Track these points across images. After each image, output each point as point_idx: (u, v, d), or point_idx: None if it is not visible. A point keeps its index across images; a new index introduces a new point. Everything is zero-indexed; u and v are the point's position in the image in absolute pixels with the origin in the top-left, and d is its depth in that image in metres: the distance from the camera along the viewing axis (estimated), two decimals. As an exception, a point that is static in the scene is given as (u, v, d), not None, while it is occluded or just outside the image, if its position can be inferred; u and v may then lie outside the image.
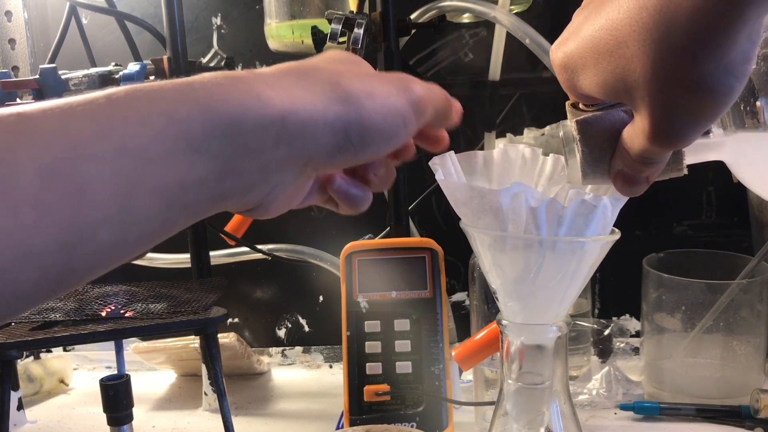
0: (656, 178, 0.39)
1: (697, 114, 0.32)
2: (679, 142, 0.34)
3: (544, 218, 0.38)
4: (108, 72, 0.77)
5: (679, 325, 0.75)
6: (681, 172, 0.39)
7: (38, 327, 0.64)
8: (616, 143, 0.37)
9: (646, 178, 0.38)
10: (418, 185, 0.93)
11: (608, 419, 0.75)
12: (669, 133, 0.33)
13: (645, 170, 0.37)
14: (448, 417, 0.68)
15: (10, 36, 0.97)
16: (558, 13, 0.86)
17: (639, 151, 0.35)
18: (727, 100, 0.32)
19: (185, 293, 0.71)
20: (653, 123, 0.33)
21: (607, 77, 0.34)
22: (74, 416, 0.84)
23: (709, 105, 0.32)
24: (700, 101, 0.31)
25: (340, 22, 0.68)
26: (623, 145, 0.36)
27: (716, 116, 0.32)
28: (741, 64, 0.31)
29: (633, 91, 0.33)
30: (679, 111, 0.32)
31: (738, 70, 0.31)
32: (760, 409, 0.70)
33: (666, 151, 0.36)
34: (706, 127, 0.33)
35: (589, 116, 0.38)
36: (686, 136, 0.33)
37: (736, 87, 0.31)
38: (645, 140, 0.34)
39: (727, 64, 0.30)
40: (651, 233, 0.93)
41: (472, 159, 0.46)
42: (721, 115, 0.33)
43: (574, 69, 0.36)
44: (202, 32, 0.94)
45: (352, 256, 0.71)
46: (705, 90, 0.31)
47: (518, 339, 0.44)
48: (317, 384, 0.91)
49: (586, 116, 0.38)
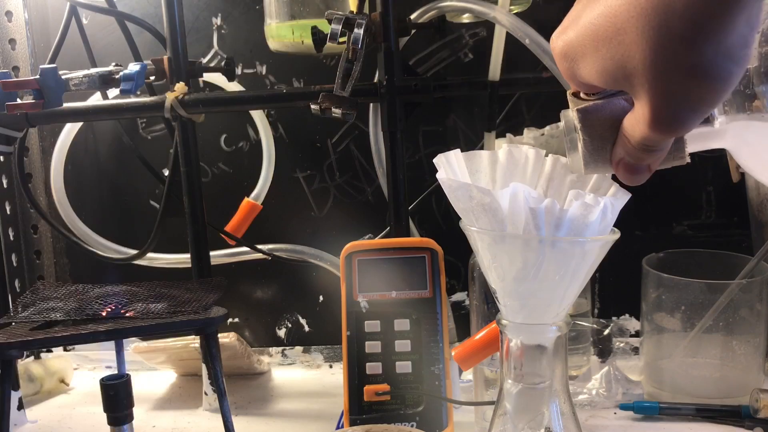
0: (658, 167, 0.38)
1: (696, 100, 0.32)
2: (680, 128, 0.34)
3: (543, 219, 0.38)
4: (108, 72, 0.77)
5: (679, 324, 0.75)
6: (683, 160, 0.39)
7: (38, 327, 0.64)
8: (617, 132, 0.37)
9: (648, 166, 0.38)
10: (418, 185, 0.93)
11: (608, 419, 0.75)
12: (669, 120, 0.33)
13: (647, 158, 0.37)
14: (448, 417, 0.68)
15: (11, 36, 0.97)
16: (558, 13, 0.87)
17: (640, 139, 0.35)
18: (726, 85, 0.31)
19: (185, 293, 0.71)
20: (653, 110, 0.33)
21: (606, 64, 0.34)
22: (74, 416, 0.84)
23: (709, 91, 0.32)
24: (699, 87, 0.31)
25: (340, 22, 0.68)
26: (624, 134, 0.36)
27: (716, 102, 0.32)
28: (740, 49, 0.31)
29: (632, 78, 0.33)
30: (679, 97, 0.32)
31: (737, 55, 0.31)
32: (759, 409, 0.70)
33: (667, 138, 0.36)
34: (706, 113, 0.33)
35: (589, 105, 0.38)
36: (686, 123, 0.33)
37: (735, 72, 0.31)
38: (645, 127, 0.34)
39: (726, 49, 0.30)
40: (651, 233, 0.93)
41: (476, 158, 0.46)
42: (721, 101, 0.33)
43: (574, 57, 0.36)
44: (202, 32, 0.94)
45: (352, 256, 0.71)
46: (704, 76, 0.31)
47: (518, 339, 0.45)
48: (317, 384, 0.91)
49: (587, 105, 0.38)
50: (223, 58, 0.94)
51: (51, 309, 0.67)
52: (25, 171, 0.99)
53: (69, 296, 0.70)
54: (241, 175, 0.96)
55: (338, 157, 0.95)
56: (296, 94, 0.81)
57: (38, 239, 1.01)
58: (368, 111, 0.85)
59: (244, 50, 0.94)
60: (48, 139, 0.99)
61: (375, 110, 0.84)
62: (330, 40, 0.68)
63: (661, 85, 0.32)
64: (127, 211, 1.00)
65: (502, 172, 0.46)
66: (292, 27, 0.79)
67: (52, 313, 0.66)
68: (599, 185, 0.45)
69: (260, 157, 0.93)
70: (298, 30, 0.78)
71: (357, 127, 0.93)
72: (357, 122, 0.91)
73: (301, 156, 0.96)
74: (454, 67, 0.92)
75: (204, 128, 0.90)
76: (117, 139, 0.97)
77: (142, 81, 0.77)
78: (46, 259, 1.02)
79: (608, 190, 0.44)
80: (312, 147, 0.96)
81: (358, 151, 0.95)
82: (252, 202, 0.92)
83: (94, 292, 0.71)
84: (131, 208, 1.00)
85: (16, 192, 0.99)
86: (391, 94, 0.75)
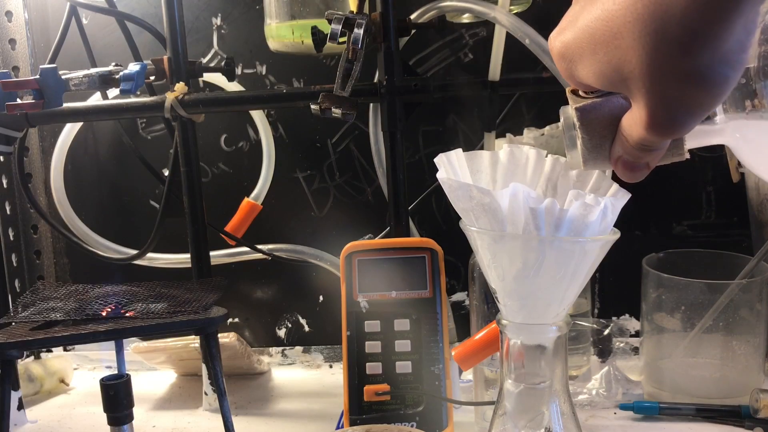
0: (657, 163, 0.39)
1: (693, 104, 0.32)
2: (677, 131, 0.34)
3: (543, 219, 0.38)
4: (108, 72, 0.77)
5: (679, 324, 0.75)
6: (682, 156, 0.39)
7: (38, 327, 0.64)
8: (616, 129, 0.37)
9: (647, 163, 0.38)
10: (418, 185, 0.93)
11: (608, 419, 0.75)
12: (666, 123, 0.33)
13: (645, 157, 0.37)
14: (448, 417, 0.68)
15: (11, 36, 0.97)
16: (558, 13, 0.86)
17: (638, 139, 0.35)
18: (723, 89, 0.31)
19: (185, 293, 0.71)
20: (650, 113, 0.33)
21: (603, 68, 0.34)
22: (74, 416, 0.84)
23: (706, 95, 0.32)
24: (696, 92, 0.31)
25: (340, 23, 0.68)
26: (622, 133, 0.37)
27: (713, 106, 0.32)
28: (737, 54, 0.30)
29: (629, 81, 0.33)
30: (675, 102, 0.32)
31: (734, 60, 0.31)
32: (759, 409, 0.70)
33: (664, 139, 0.36)
34: (703, 116, 0.33)
35: (588, 103, 0.38)
36: (683, 126, 0.33)
37: (732, 77, 0.31)
38: (642, 130, 0.34)
39: (722, 55, 0.30)
40: (651, 233, 0.93)
41: (477, 158, 0.46)
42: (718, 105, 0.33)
43: (571, 59, 0.36)
44: (202, 32, 0.94)
45: (352, 256, 0.71)
46: (700, 81, 0.31)
47: (518, 339, 0.45)
48: (317, 384, 0.91)
49: (586, 103, 0.38)
50: (223, 58, 0.94)
51: (51, 309, 0.67)
52: (25, 171, 0.99)
53: (69, 296, 0.70)
54: (241, 175, 0.96)
55: (338, 157, 0.95)
56: (296, 94, 0.81)
57: (38, 239, 1.01)
58: (368, 111, 0.85)
59: (244, 50, 0.94)
60: (48, 139, 0.99)
61: (375, 110, 0.84)
62: (330, 40, 0.68)
63: (657, 90, 0.32)
64: (127, 211, 1.00)
65: (503, 172, 0.46)
66: (292, 27, 0.79)
67: (52, 313, 0.66)
68: (599, 185, 0.45)
69: (260, 157, 0.93)
70: (298, 30, 0.78)
71: (357, 127, 0.93)
72: (357, 122, 0.91)
73: (301, 156, 0.96)
74: (454, 67, 0.92)
75: (204, 128, 0.90)
76: (117, 139, 0.97)
77: (142, 81, 0.77)
78: (46, 259, 1.02)
79: (608, 190, 0.44)
80: (312, 147, 0.96)
81: (358, 151, 0.95)
82: (252, 202, 0.92)
83: (94, 292, 0.71)
84: (131, 208, 1.00)
85: (16, 192, 0.99)
86: (391, 94, 0.75)
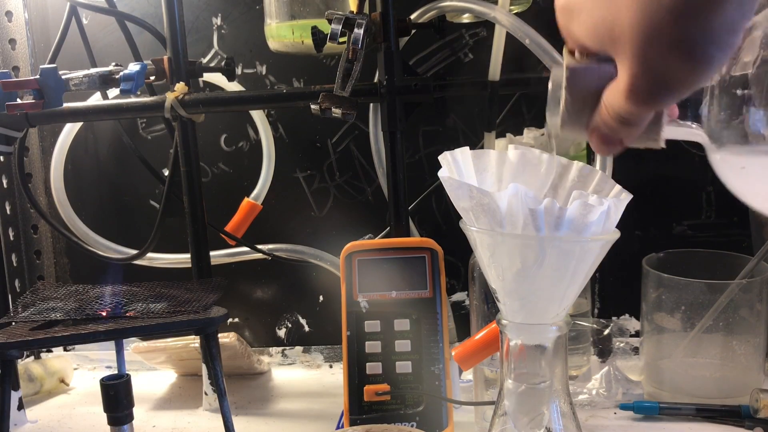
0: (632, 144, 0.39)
1: (674, 79, 0.32)
2: (652, 102, 0.34)
3: (543, 219, 0.38)
4: (108, 72, 0.77)
5: (679, 324, 0.75)
6: (657, 143, 0.39)
7: (38, 327, 0.64)
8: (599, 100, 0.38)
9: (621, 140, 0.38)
10: (418, 185, 0.93)
11: (608, 419, 0.75)
12: (644, 92, 0.34)
13: (621, 130, 0.37)
14: (448, 417, 0.68)
15: (11, 36, 0.97)
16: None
17: (617, 108, 0.36)
18: (705, 69, 0.32)
19: (185, 293, 0.71)
20: (631, 80, 0.34)
21: (597, 24, 0.34)
22: (74, 416, 0.84)
23: (687, 71, 0.32)
24: (678, 65, 0.32)
25: (340, 23, 0.68)
26: (604, 102, 0.37)
27: (693, 85, 0.33)
28: (726, 35, 0.30)
29: (617, 42, 0.33)
30: (658, 70, 0.32)
31: (722, 40, 0.31)
32: (759, 409, 0.70)
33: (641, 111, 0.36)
34: (682, 94, 0.33)
35: (581, 66, 0.38)
36: (661, 99, 0.34)
37: (717, 57, 0.31)
38: (622, 97, 0.35)
39: (711, 31, 0.30)
40: (651, 233, 0.93)
41: (484, 157, 0.46)
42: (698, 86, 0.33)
43: (571, 11, 0.36)
44: (202, 32, 0.94)
45: (352, 256, 0.71)
46: (684, 54, 0.31)
47: (518, 339, 0.45)
48: (317, 384, 0.91)
49: (578, 65, 0.38)
50: (223, 58, 0.94)
51: (51, 309, 0.67)
52: (25, 171, 0.99)
53: (69, 296, 0.70)
54: (241, 175, 0.96)
55: (338, 157, 0.95)
56: (296, 94, 0.81)
57: (38, 239, 1.01)
58: (368, 111, 0.85)
59: (244, 50, 0.94)
60: (48, 139, 0.99)
61: (375, 110, 0.84)
62: (330, 40, 0.68)
63: (642, 54, 0.32)
64: (127, 211, 1.00)
65: (510, 171, 0.46)
66: (292, 27, 0.79)
67: (52, 313, 0.66)
68: (602, 186, 0.45)
69: (260, 157, 0.93)
70: (298, 30, 0.78)
71: (357, 127, 0.93)
72: (357, 122, 0.91)
73: (301, 156, 0.96)
74: (454, 67, 0.92)
75: (204, 128, 0.90)
76: (117, 139, 0.97)
77: (142, 81, 0.77)
78: (46, 259, 1.02)
79: (611, 192, 0.44)
80: (312, 147, 0.96)
81: (358, 151, 0.95)
82: (252, 202, 0.92)
83: (94, 292, 0.71)
84: (131, 208, 1.00)
85: (16, 192, 0.99)
86: (391, 94, 0.75)
